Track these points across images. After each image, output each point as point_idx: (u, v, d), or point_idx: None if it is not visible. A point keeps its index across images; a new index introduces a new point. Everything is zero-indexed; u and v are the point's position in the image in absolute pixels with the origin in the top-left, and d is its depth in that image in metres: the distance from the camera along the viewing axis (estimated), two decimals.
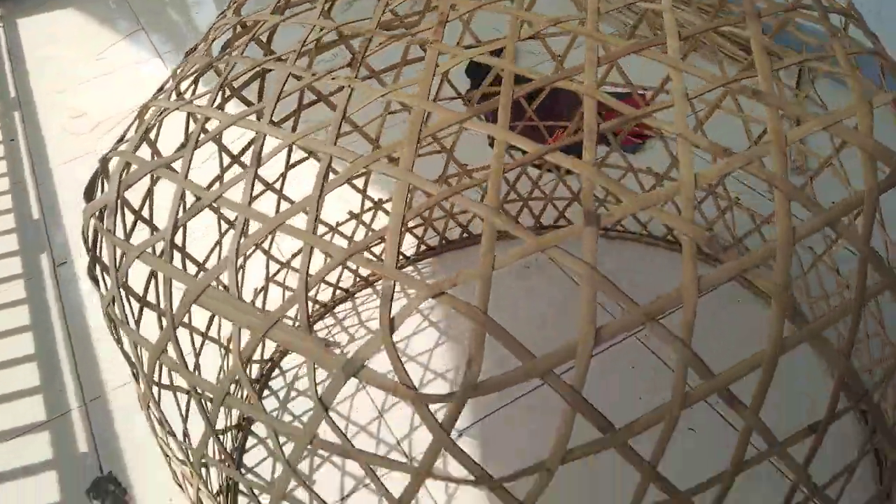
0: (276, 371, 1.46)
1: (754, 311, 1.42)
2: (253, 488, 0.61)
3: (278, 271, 1.42)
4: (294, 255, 1.42)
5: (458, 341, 1.45)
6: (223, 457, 0.79)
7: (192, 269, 1.22)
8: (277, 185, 1.25)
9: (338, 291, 1.54)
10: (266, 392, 1.42)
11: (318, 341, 0.51)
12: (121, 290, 0.62)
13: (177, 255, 1.10)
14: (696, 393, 0.53)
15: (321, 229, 1.49)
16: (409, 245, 1.64)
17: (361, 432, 1.32)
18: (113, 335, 0.83)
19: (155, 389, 0.68)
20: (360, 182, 1.45)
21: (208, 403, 0.57)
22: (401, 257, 1.53)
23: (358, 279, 1.56)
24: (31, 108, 2.43)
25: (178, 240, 1.03)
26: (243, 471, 1.28)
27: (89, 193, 0.73)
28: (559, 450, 0.50)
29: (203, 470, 0.71)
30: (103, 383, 1.49)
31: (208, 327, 1.19)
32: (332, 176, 0.56)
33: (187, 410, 1.03)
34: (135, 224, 0.83)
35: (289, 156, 1.22)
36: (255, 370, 1.43)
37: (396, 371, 0.48)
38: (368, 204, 1.51)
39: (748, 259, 0.53)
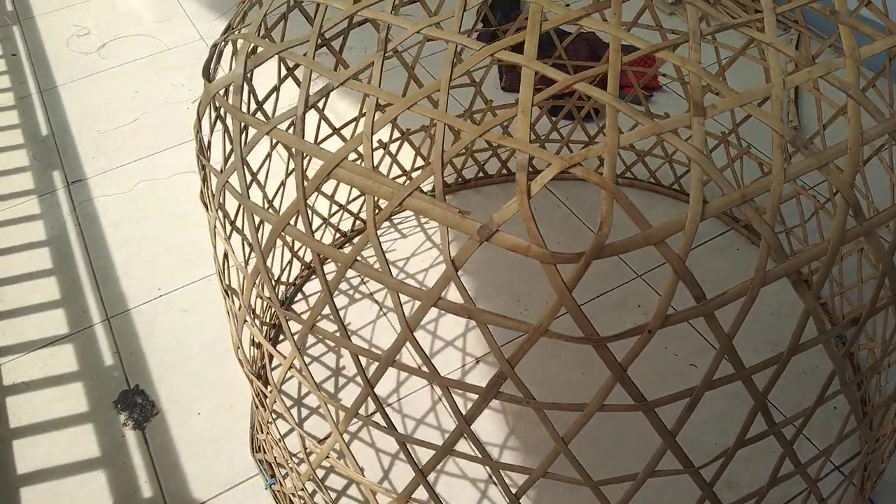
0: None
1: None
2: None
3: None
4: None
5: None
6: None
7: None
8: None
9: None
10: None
11: (452, 208, 0.55)
12: (244, 166, 0.65)
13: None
14: (773, 272, 0.59)
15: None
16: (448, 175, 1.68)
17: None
18: (214, 223, 0.86)
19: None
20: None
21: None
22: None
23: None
24: (32, 24, 2.37)
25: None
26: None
27: (206, 73, 0.76)
28: (661, 312, 0.56)
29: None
30: (126, 300, 1.51)
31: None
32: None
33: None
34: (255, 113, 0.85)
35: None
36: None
37: (530, 233, 0.53)
38: (397, 134, 1.55)
39: (825, 154, 0.59)
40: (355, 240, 1.60)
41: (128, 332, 1.45)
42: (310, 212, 0.87)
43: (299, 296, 1.50)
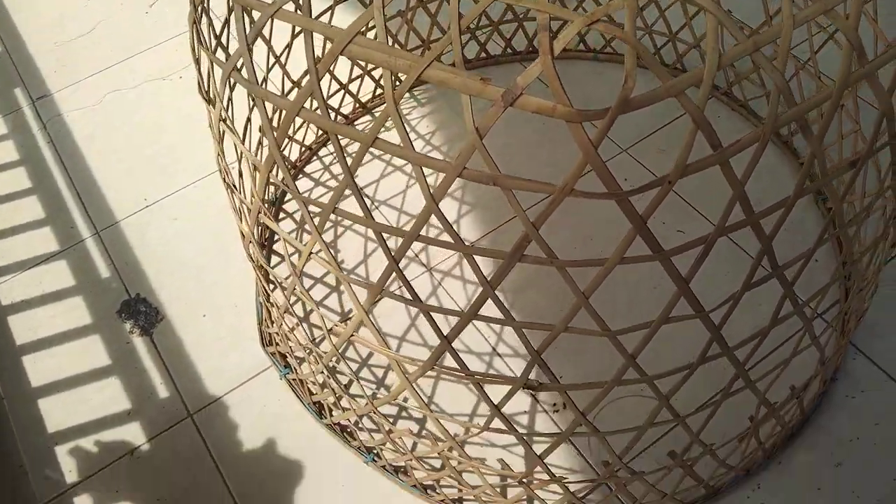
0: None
1: None
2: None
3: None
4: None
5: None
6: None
7: None
8: None
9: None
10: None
11: (473, 75, 0.56)
12: (251, 50, 0.64)
13: None
14: (785, 117, 0.61)
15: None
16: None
17: None
18: (214, 116, 0.86)
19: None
20: None
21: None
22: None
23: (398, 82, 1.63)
24: None
25: None
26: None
27: None
28: (681, 162, 0.58)
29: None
30: (112, 212, 1.50)
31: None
32: None
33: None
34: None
35: None
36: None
37: (555, 93, 0.54)
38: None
39: (830, 1, 0.60)
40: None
41: (120, 244, 1.45)
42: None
43: (301, 177, 1.51)
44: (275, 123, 1.35)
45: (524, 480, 0.98)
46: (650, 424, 0.85)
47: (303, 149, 1.54)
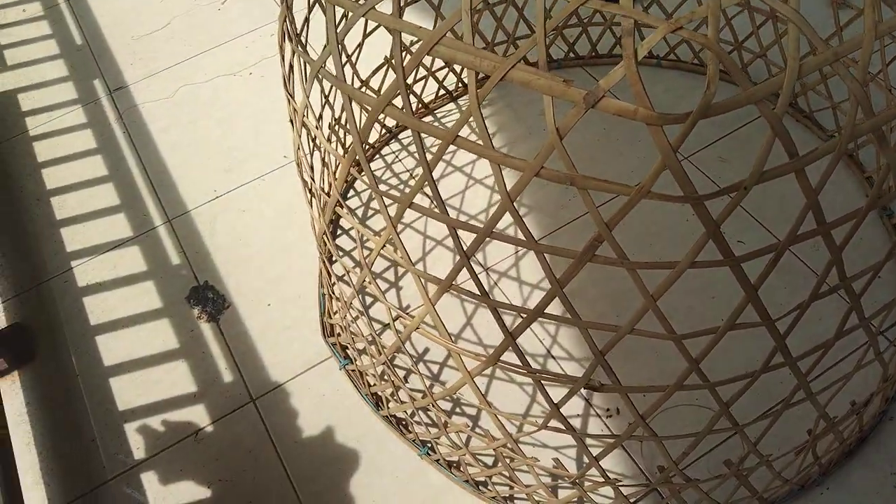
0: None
1: None
2: None
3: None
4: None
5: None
6: None
7: None
8: None
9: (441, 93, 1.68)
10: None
11: (556, 77, 0.58)
12: (340, 46, 0.67)
13: None
14: (862, 128, 0.61)
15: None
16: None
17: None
18: (298, 110, 0.89)
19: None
20: None
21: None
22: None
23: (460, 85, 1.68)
24: None
25: None
26: None
27: None
28: (757, 169, 0.59)
29: None
30: (184, 202, 1.56)
31: None
32: None
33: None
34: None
35: None
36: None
37: (637, 96, 0.56)
38: None
39: None
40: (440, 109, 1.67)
41: (190, 233, 1.50)
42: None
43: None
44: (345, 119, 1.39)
45: (577, 481, 0.99)
46: (709, 431, 0.85)
47: (368, 147, 1.57)
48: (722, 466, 0.99)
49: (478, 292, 0.77)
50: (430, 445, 1.16)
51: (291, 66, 0.91)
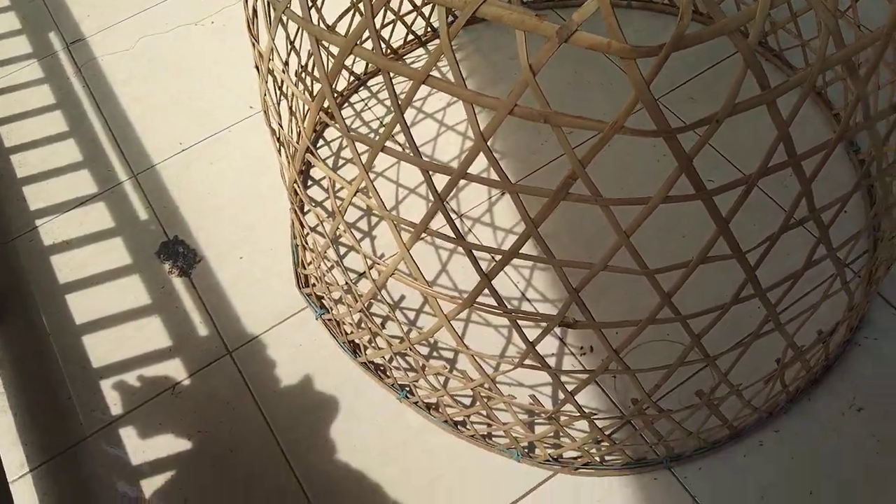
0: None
1: None
2: None
3: None
4: None
5: None
6: None
7: None
8: None
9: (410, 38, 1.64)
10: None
11: (528, 12, 0.57)
12: None
13: None
14: (832, 59, 0.62)
15: None
16: None
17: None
18: (263, 55, 0.87)
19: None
20: None
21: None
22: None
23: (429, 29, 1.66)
24: None
25: None
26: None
27: None
28: (730, 101, 0.59)
29: None
30: (149, 156, 1.53)
31: None
32: None
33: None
34: None
35: None
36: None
37: (611, 29, 0.55)
38: None
39: None
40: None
41: (157, 187, 1.48)
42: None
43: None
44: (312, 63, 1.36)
45: (553, 417, 1.02)
46: (681, 363, 0.87)
47: (336, 94, 1.55)
48: (693, 397, 1.02)
49: (453, 236, 0.77)
50: (408, 389, 1.17)
51: (255, 10, 0.88)
